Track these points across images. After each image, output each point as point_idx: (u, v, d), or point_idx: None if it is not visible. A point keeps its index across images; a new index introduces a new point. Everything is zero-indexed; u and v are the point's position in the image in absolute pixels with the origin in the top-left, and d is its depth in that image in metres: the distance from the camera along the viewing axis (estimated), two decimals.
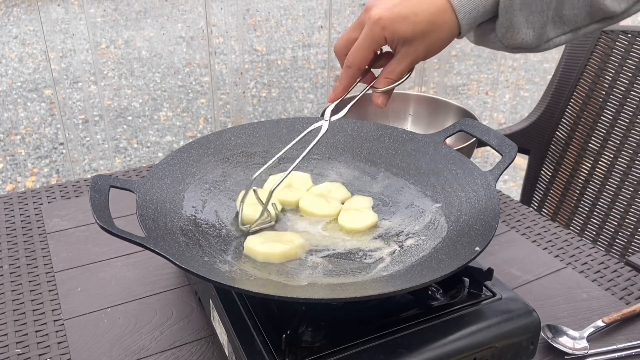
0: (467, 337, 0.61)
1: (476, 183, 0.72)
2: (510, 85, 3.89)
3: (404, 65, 0.64)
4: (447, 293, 0.67)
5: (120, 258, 0.88)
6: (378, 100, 0.67)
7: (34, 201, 1.03)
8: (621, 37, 1.29)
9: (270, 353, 0.58)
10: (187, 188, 0.75)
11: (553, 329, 0.73)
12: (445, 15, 0.61)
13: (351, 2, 4.36)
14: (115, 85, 3.81)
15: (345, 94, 0.67)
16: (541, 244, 0.93)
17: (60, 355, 0.71)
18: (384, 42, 0.63)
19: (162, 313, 0.78)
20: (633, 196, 1.27)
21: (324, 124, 0.69)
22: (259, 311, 0.63)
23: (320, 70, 4.14)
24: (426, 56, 0.63)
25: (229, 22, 4.19)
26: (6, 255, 0.89)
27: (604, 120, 1.31)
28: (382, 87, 0.65)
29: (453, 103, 1.08)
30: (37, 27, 4.71)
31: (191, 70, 4.08)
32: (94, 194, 0.63)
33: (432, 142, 0.80)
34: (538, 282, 0.84)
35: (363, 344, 0.59)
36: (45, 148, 3.08)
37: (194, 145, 0.81)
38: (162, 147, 3.13)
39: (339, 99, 0.67)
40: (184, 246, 0.64)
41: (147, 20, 5.03)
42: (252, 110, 3.55)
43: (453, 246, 0.65)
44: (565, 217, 1.40)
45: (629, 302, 0.80)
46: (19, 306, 0.79)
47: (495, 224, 0.64)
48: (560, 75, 1.39)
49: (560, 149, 1.40)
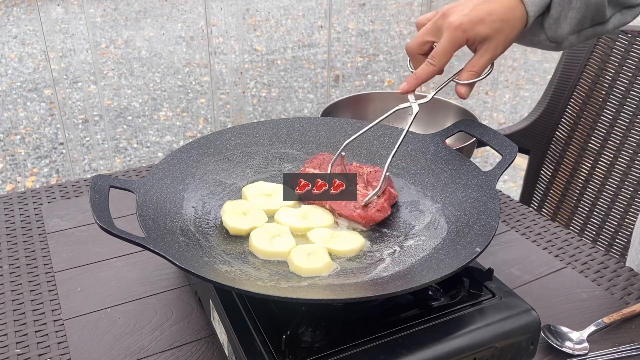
0: (467, 337, 0.61)
1: (476, 183, 0.72)
2: (510, 85, 3.89)
3: (485, 59, 0.71)
4: (447, 293, 0.67)
5: (120, 258, 0.88)
6: (462, 91, 0.73)
7: (34, 201, 1.03)
8: (621, 37, 1.29)
9: (270, 353, 0.58)
10: (187, 188, 0.75)
11: (553, 329, 0.73)
12: (515, 11, 0.69)
13: (351, 2, 4.35)
14: (115, 85, 3.81)
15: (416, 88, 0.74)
16: (541, 243, 0.93)
17: (60, 355, 0.71)
18: (464, 44, 0.71)
19: (162, 313, 0.78)
20: (633, 196, 1.27)
21: (414, 105, 0.74)
22: (259, 311, 0.63)
23: (320, 70, 4.14)
24: (504, 49, 0.71)
25: (228, 22, 4.19)
26: (6, 255, 0.89)
27: (604, 120, 1.31)
28: (465, 80, 0.72)
29: (453, 103, 1.08)
30: (36, 27, 4.71)
31: (191, 70, 4.08)
32: (94, 194, 0.63)
33: (432, 142, 0.80)
34: (538, 282, 0.84)
35: (363, 344, 0.59)
36: (45, 148, 3.08)
37: (194, 145, 0.81)
38: (162, 147, 3.13)
39: (411, 91, 0.75)
40: (184, 246, 0.64)
41: (147, 20, 5.03)
42: (252, 110, 3.55)
43: (453, 246, 0.65)
44: (565, 217, 1.40)
45: (629, 302, 0.80)
46: (18, 306, 0.79)
47: (495, 224, 0.64)
48: (560, 75, 1.39)
49: (560, 149, 1.40)
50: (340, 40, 3.95)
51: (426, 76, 0.72)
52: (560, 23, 0.71)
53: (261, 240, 0.68)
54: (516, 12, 0.69)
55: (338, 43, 3.64)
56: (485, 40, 0.70)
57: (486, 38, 0.69)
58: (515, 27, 0.70)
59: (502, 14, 0.69)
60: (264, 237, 0.68)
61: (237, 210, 0.72)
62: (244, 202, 0.75)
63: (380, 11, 5.37)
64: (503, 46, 0.71)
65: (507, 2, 0.69)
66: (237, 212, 0.72)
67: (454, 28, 0.69)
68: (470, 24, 0.68)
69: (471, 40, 0.70)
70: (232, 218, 0.71)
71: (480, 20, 0.69)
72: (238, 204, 0.73)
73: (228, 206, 0.73)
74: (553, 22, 0.72)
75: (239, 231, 0.70)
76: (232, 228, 0.70)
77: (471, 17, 0.69)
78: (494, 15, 0.69)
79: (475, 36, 0.69)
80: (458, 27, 0.69)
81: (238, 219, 0.71)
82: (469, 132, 0.78)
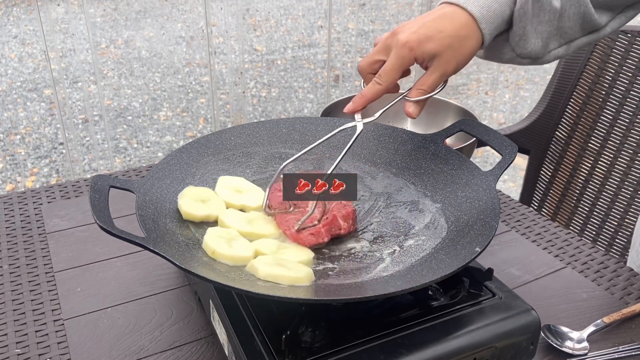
0: (467, 337, 0.61)
1: (476, 183, 0.72)
2: (510, 85, 3.89)
3: (435, 77, 0.69)
4: (447, 293, 0.67)
5: (120, 258, 0.88)
6: (410, 110, 0.71)
7: (34, 201, 1.03)
8: (621, 37, 1.29)
9: (270, 353, 0.58)
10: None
11: (553, 329, 0.73)
12: (468, 28, 0.67)
13: (351, 2, 4.36)
14: (115, 85, 3.81)
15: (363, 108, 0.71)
16: (541, 243, 0.93)
17: (60, 355, 0.71)
18: (413, 62, 0.68)
19: (161, 313, 0.78)
20: (633, 196, 1.27)
21: (358, 125, 0.71)
22: (259, 311, 0.63)
23: (320, 70, 4.14)
24: (456, 67, 0.69)
25: (228, 22, 4.19)
26: (6, 255, 0.89)
27: (604, 120, 1.31)
28: (414, 98, 0.70)
29: (453, 103, 1.08)
30: (37, 27, 4.71)
31: (191, 70, 4.08)
32: (94, 194, 0.63)
33: (432, 142, 0.80)
34: (538, 282, 0.84)
35: (363, 344, 0.59)
36: (45, 148, 3.08)
37: (194, 145, 0.81)
38: (162, 147, 3.13)
39: (357, 111, 0.72)
40: (184, 246, 0.64)
41: (147, 20, 5.03)
42: (252, 110, 3.55)
43: (453, 246, 0.65)
44: (565, 217, 1.40)
45: (629, 302, 0.80)
46: (18, 306, 0.79)
47: (495, 224, 0.64)
48: (560, 75, 1.39)
49: (560, 149, 1.40)
50: (340, 40, 3.95)
51: (372, 95, 0.70)
52: (528, 38, 0.69)
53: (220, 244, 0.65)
54: (469, 30, 0.67)
55: (338, 43, 3.64)
56: (434, 58, 0.67)
57: (435, 55, 0.67)
58: (469, 45, 0.68)
59: (452, 31, 0.67)
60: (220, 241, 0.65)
61: (197, 196, 0.71)
62: (206, 190, 0.73)
63: (380, 11, 5.37)
64: (455, 63, 0.68)
65: (459, 19, 0.67)
66: (196, 198, 0.71)
67: (401, 46, 0.67)
68: (417, 42, 0.66)
69: (420, 58, 0.68)
70: (188, 202, 0.69)
71: (428, 38, 0.66)
72: (200, 191, 0.72)
73: (189, 191, 0.72)
74: (518, 38, 0.69)
75: (192, 217, 0.69)
76: (185, 212, 0.69)
77: (419, 34, 0.67)
78: (443, 33, 0.67)
79: (423, 54, 0.67)
80: (404, 44, 0.67)
81: (194, 205, 0.69)
82: (469, 132, 0.78)
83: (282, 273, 0.60)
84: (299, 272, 0.61)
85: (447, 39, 0.67)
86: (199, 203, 0.70)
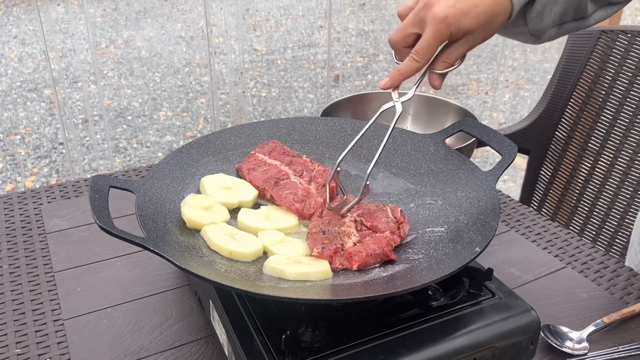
0: (467, 337, 0.61)
1: (476, 183, 0.72)
2: (510, 85, 3.89)
3: (462, 51, 0.68)
4: (446, 293, 0.67)
5: (120, 258, 0.88)
6: (436, 82, 0.70)
7: (34, 201, 1.03)
8: (621, 37, 1.29)
9: (270, 353, 0.58)
10: (187, 188, 0.75)
11: (553, 329, 0.73)
12: (501, 4, 0.66)
13: (351, 2, 4.36)
14: (115, 85, 3.81)
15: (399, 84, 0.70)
16: (541, 243, 0.93)
17: (60, 355, 0.71)
18: (448, 38, 0.67)
19: (161, 313, 0.78)
20: (633, 196, 1.27)
21: (397, 105, 0.71)
22: (258, 311, 0.63)
23: (320, 70, 4.14)
24: (482, 41, 0.68)
25: (228, 22, 4.19)
26: (6, 255, 0.89)
27: (604, 120, 1.31)
28: (440, 70, 0.69)
29: (453, 103, 1.08)
30: (36, 27, 4.71)
31: (191, 70, 4.08)
32: (94, 194, 0.63)
33: (432, 142, 0.80)
34: (538, 282, 0.84)
35: (363, 344, 0.59)
36: (45, 148, 3.08)
37: (194, 145, 0.81)
38: (162, 147, 3.13)
39: (393, 87, 0.71)
40: (184, 246, 0.64)
41: (147, 20, 5.03)
42: (251, 110, 3.55)
43: (453, 246, 0.65)
44: (565, 217, 1.40)
45: (629, 302, 0.80)
46: (18, 306, 0.79)
47: (495, 224, 0.64)
48: (560, 75, 1.39)
49: (560, 149, 1.40)
50: (340, 40, 3.95)
51: (410, 73, 0.69)
52: (543, 17, 0.69)
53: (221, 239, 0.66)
54: (501, 6, 0.66)
55: (338, 43, 3.64)
56: (467, 33, 0.66)
57: (468, 32, 0.66)
58: (499, 21, 0.67)
59: (487, 7, 0.65)
60: (224, 237, 0.67)
61: (199, 204, 0.71)
62: (207, 197, 0.74)
63: (380, 11, 5.37)
64: (482, 39, 0.68)
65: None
66: (199, 206, 0.71)
67: (439, 21, 0.64)
68: (455, 17, 0.64)
69: (455, 33, 0.66)
70: (192, 211, 0.70)
71: (464, 14, 0.64)
72: (201, 198, 0.73)
73: (190, 199, 0.72)
74: (536, 15, 0.69)
75: (196, 225, 0.69)
76: (190, 220, 0.69)
77: (457, 9, 0.64)
78: (479, 8, 0.65)
79: (459, 30, 0.65)
80: (443, 20, 0.64)
81: (198, 213, 0.70)
82: (469, 132, 0.78)
83: (309, 270, 0.62)
84: (320, 266, 0.63)
85: (482, 16, 0.65)
86: (201, 211, 0.70)
